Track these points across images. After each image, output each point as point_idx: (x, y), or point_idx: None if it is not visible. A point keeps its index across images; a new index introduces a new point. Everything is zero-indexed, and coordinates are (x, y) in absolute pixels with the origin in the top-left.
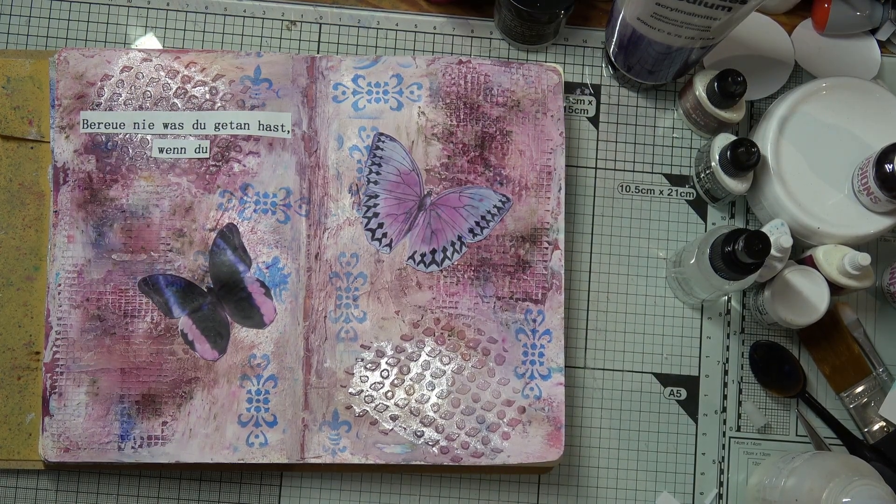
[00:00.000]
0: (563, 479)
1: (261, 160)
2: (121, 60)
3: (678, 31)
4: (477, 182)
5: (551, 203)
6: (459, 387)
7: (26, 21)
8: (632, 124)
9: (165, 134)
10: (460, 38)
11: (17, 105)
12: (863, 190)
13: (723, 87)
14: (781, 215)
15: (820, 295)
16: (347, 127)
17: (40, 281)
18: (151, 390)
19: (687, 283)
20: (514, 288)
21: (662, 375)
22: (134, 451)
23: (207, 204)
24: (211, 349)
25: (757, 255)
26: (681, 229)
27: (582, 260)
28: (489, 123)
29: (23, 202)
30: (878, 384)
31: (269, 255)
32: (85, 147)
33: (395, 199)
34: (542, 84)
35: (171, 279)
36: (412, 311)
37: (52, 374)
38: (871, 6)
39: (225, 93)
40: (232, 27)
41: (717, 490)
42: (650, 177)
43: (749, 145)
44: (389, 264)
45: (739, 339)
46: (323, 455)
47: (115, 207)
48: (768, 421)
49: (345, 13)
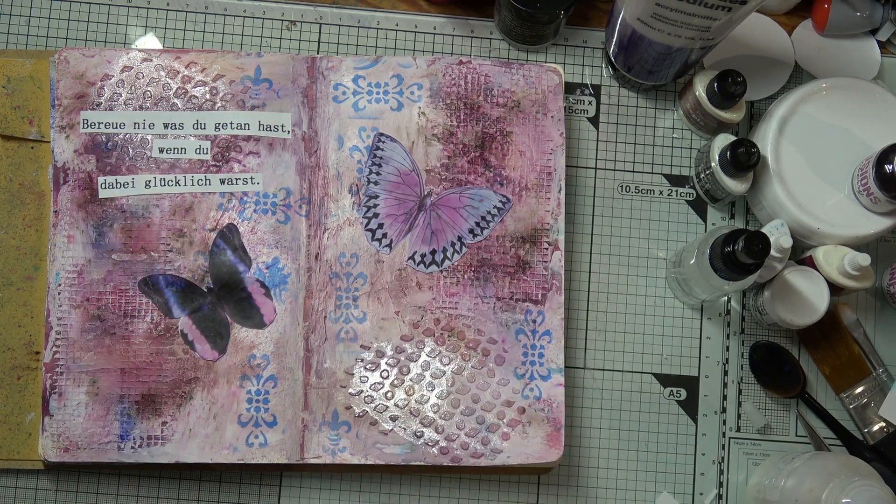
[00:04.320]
0: (563, 479)
1: (261, 160)
2: (121, 60)
3: (678, 31)
4: (477, 182)
5: (551, 203)
6: (459, 387)
7: (26, 21)
8: (632, 124)
9: (166, 134)
10: (460, 39)
11: (17, 105)
12: (863, 190)
13: (723, 88)
14: (781, 215)
15: (820, 295)
16: (348, 127)
17: (40, 281)
18: (151, 390)
19: (687, 284)
20: (514, 288)
21: (662, 376)
22: (134, 451)
23: (207, 204)
24: (211, 349)
25: (757, 255)
26: (681, 229)
27: (582, 260)
28: (489, 124)
29: (23, 202)
30: (878, 385)
31: (269, 255)
32: (85, 147)
33: (395, 199)
34: (543, 84)
35: (171, 279)
36: (412, 311)
37: (52, 374)
38: (871, 6)
39: (225, 93)
40: (232, 27)
41: (717, 490)
42: (650, 177)
43: (749, 145)
44: (389, 265)
45: (739, 340)
46: (323, 455)
47: (115, 207)
48: (768, 421)
49: (345, 13)
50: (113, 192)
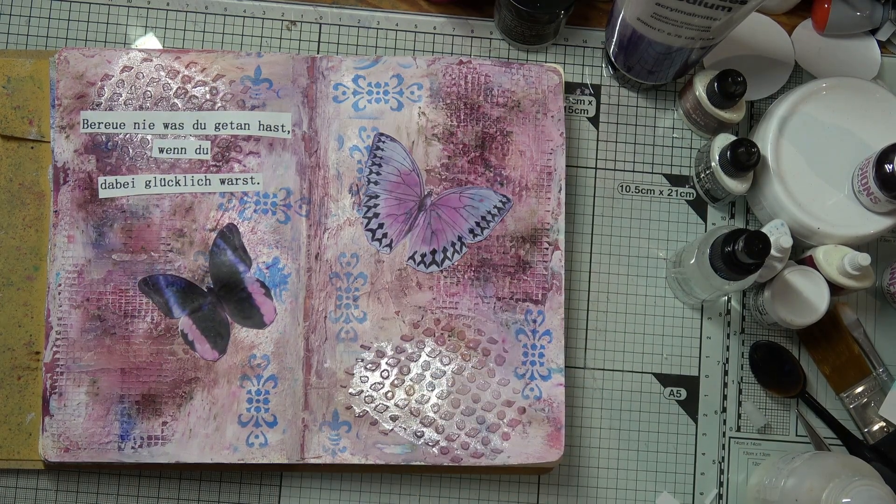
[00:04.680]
0: (563, 479)
1: (261, 160)
2: (121, 60)
3: (678, 31)
4: (477, 182)
5: (551, 203)
6: (459, 387)
7: (26, 21)
8: (632, 124)
9: (166, 134)
10: (460, 38)
11: (17, 105)
12: (863, 190)
13: (723, 88)
14: (781, 215)
15: (820, 295)
16: (348, 127)
17: (40, 281)
18: (151, 390)
19: (687, 284)
20: (514, 288)
21: (662, 375)
22: (134, 451)
23: (207, 204)
24: (211, 349)
25: (757, 255)
26: (681, 229)
27: (582, 260)
28: (489, 124)
29: (23, 202)
30: (878, 384)
31: (270, 255)
32: (85, 147)
33: (395, 199)
34: (543, 84)
35: (172, 279)
36: (412, 311)
37: (52, 374)
38: (871, 6)
39: (225, 93)
40: (232, 27)
41: (717, 490)
42: (650, 177)
43: (749, 145)
44: (389, 265)
45: (739, 340)
46: (323, 455)
47: (116, 207)
48: (768, 421)
49: (345, 13)
50: (113, 192)
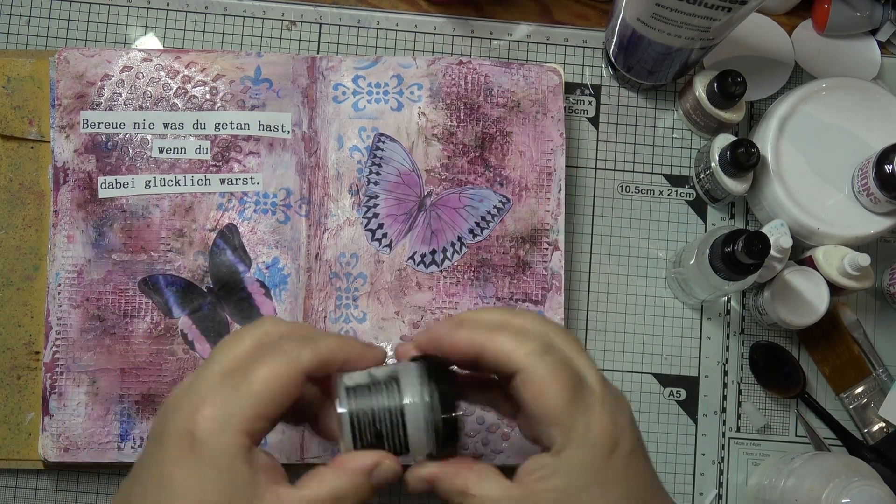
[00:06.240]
0: None
1: (261, 160)
2: (121, 60)
3: (678, 31)
4: (477, 183)
5: (551, 204)
6: None
7: (26, 21)
8: (632, 125)
9: (165, 134)
10: (460, 39)
11: (17, 105)
12: (863, 190)
13: (723, 88)
14: (781, 216)
15: (820, 295)
16: (348, 127)
17: (40, 281)
18: (151, 390)
19: (687, 284)
20: (513, 289)
21: (662, 376)
22: (134, 451)
23: (207, 204)
24: (211, 349)
25: (757, 255)
26: (681, 230)
27: (582, 260)
28: (489, 124)
29: (23, 202)
30: (878, 385)
31: (269, 255)
32: (85, 147)
33: (395, 199)
34: (543, 84)
35: (171, 279)
36: (412, 311)
37: (52, 373)
38: (871, 6)
39: (225, 93)
40: (232, 27)
41: (717, 490)
42: (650, 177)
43: (749, 146)
44: (389, 265)
45: (739, 340)
46: (323, 455)
47: (115, 207)
48: (768, 421)
49: (345, 13)
50: (113, 192)
